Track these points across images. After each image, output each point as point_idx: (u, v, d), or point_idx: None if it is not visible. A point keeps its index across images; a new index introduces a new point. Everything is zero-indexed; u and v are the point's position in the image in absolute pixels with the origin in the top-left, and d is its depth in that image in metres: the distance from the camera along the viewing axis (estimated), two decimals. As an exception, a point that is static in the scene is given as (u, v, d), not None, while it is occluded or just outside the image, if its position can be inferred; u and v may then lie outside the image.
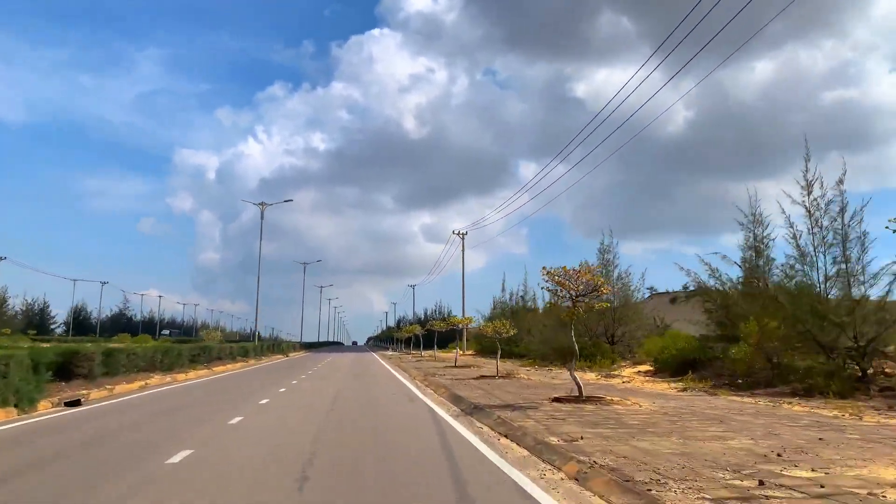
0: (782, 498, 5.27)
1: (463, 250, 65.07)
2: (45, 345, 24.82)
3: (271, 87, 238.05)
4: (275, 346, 55.81)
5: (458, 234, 65.32)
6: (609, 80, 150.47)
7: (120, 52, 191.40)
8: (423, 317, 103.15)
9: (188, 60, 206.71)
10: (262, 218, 48.70)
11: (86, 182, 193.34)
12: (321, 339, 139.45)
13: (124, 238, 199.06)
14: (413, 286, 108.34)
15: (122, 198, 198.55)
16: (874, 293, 16.40)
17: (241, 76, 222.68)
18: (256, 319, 50.23)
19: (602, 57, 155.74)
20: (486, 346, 59.24)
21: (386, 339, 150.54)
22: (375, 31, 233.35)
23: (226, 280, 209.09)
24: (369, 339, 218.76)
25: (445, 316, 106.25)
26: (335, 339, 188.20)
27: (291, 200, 64.81)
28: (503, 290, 60.37)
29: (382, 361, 43.57)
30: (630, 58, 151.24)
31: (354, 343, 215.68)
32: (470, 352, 64.29)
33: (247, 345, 43.27)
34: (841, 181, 16.79)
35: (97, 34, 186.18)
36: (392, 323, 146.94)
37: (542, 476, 6.71)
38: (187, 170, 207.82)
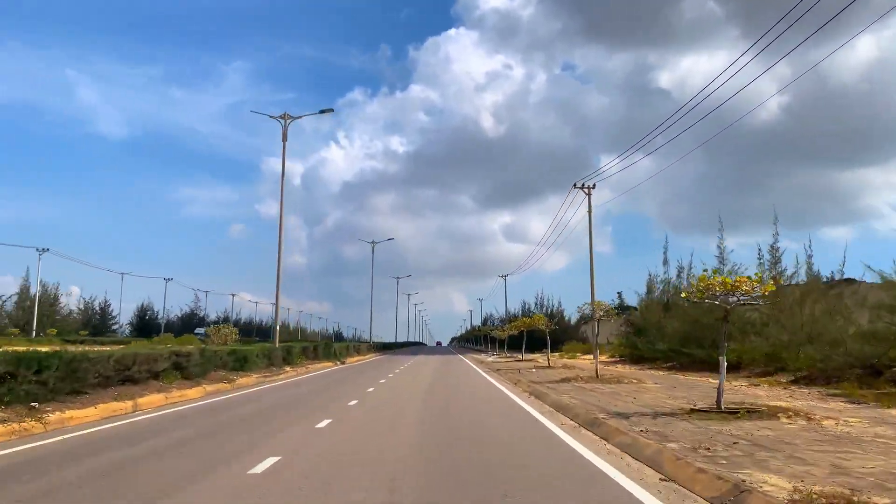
0: None
1: (590, 209, 44.04)
2: None
3: (351, 93, 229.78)
4: (319, 348, 37.14)
5: (584, 187, 44.37)
6: (695, 68, 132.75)
7: (208, 66, 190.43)
8: (519, 313, 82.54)
9: (271, 70, 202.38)
10: (284, 139, 30.17)
11: (179, 191, 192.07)
12: (399, 340, 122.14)
13: (216, 243, 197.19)
14: (505, 276, 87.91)
15: (213, 205, 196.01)
16: None
17: (321, 83, 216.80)
18: (277, 307, 31.54)
19: (687, 43, 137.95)
20: (642, 349, 38.21)
21: (471, 340, 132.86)
22: (452, 31, 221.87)
23: (311, 282, 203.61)
24: (453, 339, 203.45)
25: (555, 308, 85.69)
26: (416, 340, 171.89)
27: (332, 111, 46.64)
28: (665, 262, 39.00)
29: (495, 381, 23.56)
30: (717, 43, 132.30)
31: (438, 343, 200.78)
32: (603, 357, 43.49)
33: (248, 349, 24.34)
34: None
35: (187, 50, 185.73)
36: (477, 322, 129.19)
37: None
38: (274, 177, 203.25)
